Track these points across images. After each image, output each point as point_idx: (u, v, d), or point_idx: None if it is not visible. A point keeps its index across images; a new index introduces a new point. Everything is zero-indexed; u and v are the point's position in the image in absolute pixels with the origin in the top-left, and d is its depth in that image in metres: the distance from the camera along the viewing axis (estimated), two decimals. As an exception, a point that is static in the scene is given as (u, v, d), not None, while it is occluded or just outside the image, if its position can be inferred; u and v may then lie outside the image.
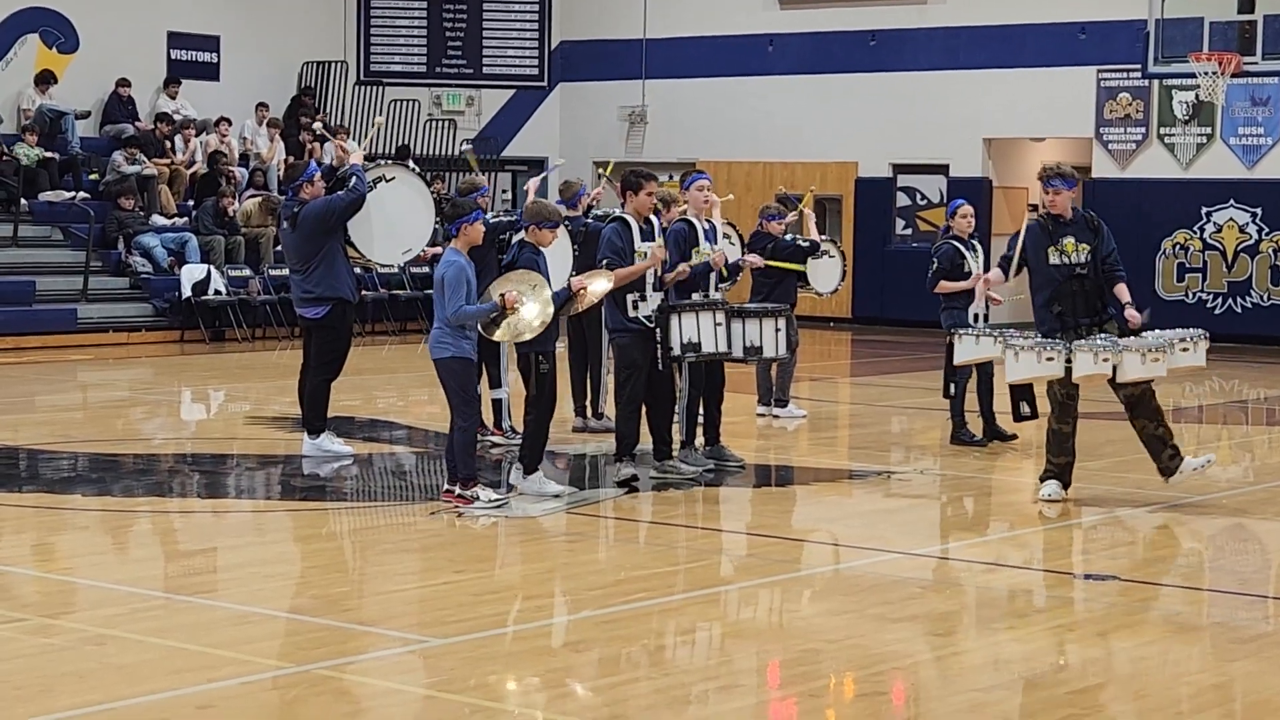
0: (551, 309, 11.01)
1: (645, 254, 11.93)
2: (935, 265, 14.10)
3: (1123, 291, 11.57)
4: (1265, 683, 7.42)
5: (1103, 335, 11.38)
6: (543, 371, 11.30)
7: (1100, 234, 11.56)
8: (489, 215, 13.03)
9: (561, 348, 11.88)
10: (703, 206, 12.55)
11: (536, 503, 11.17)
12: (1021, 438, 14.22)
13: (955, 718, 6.80)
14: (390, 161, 14.44)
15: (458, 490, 10.96)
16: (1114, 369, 11.23)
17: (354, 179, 12.68)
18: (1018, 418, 12.53)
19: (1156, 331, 11.56)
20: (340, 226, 12.62)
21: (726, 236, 14.71)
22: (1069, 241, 11.46)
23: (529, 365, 11.28)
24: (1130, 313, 11.47)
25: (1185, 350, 11.50)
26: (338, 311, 12.80)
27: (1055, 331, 11.46)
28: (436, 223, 13.81)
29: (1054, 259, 11.46)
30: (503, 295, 10.87)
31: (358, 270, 13.38)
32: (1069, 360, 11.29)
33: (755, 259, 14.40)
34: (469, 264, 10.92)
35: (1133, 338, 11.38)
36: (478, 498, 10.90)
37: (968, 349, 13.01)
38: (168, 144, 25.53)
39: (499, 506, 10.91)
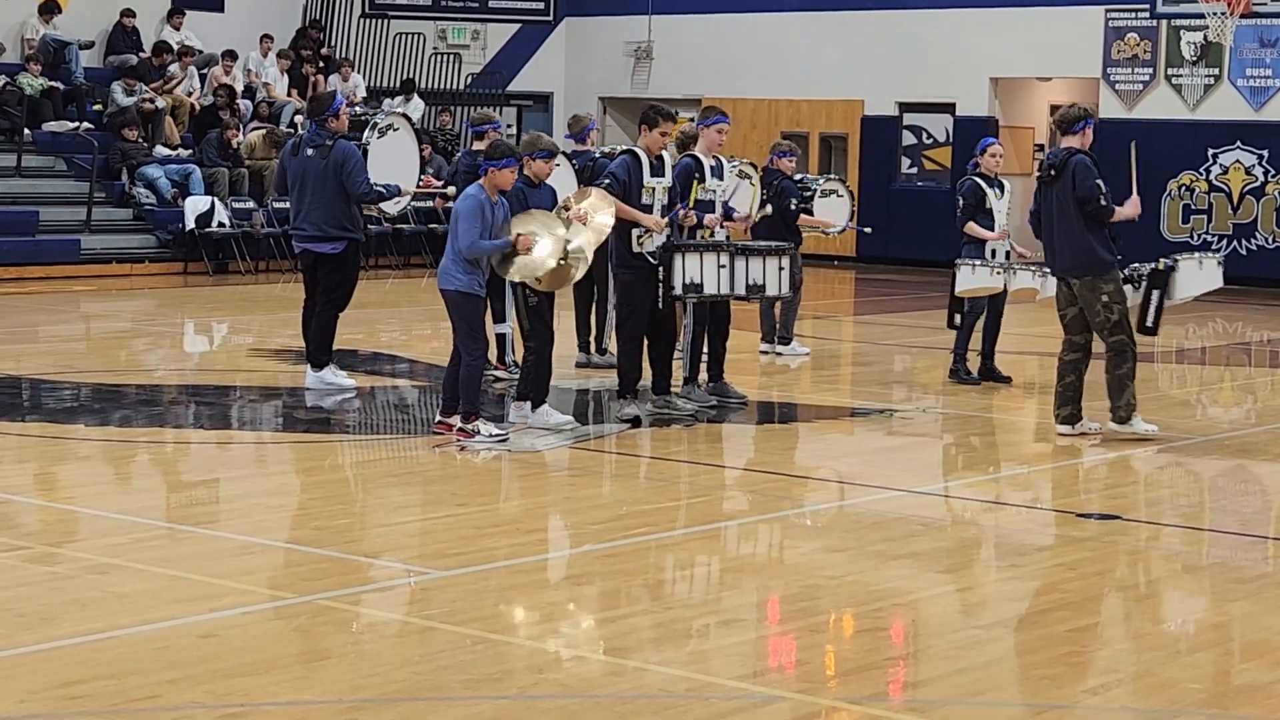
0: (565, 249, 10.98)
1: (654, 189, 11.92)
2: (962, 203, 13.98)
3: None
4: (1264, 622, 7.43)
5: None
6: (531, 304, 11.29)
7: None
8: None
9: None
10: (716, 146, 12.52)
11: (540, 436, 11.17)
12: (1020, 379, 14.21)
13: (954, 655, 6.82)
14: (398, 111, 14.56)
15: (459, 424, 10.97)
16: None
17: (387, 190, 12.87)
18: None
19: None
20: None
21: (746, 176, 14.58)
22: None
23: (520, 298, 11.29)
24: None
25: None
26: (353, 248, 12.90)
27: None
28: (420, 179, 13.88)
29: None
30: (518, 235, 10.84)
31: (368, 213, 13.58)
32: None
33: (741, 215, 13.90)
34: (490, 202, 10.83)
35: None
36: (478, 432, 10.90)
37: (965, 279, 13.02)
38: (168, 71, 25.36)
39: (500, 441, 10.91)
